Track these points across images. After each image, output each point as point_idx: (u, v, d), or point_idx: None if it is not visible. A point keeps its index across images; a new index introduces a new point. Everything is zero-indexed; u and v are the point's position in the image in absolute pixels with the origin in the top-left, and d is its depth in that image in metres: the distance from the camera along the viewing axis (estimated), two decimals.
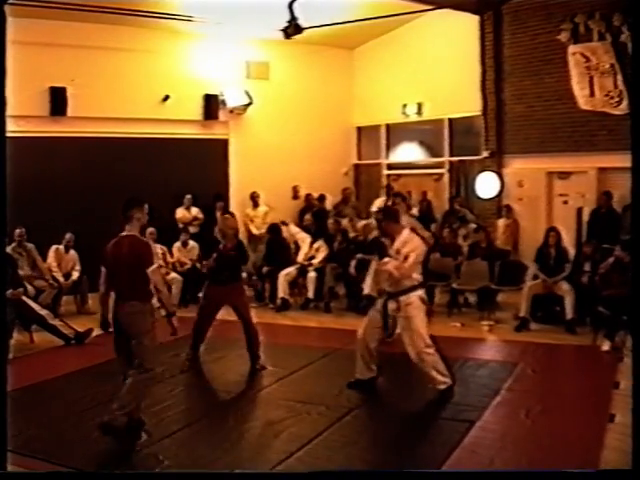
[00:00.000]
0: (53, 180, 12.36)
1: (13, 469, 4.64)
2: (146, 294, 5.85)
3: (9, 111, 4.18)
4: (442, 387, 6.95)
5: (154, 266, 5.87)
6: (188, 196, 13.48)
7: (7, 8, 4.07)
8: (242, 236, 13.51)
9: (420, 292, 7.04)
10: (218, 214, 12.69)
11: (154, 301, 6.04)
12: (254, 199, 14.38)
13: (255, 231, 14.14)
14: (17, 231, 10.75)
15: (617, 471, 4.28)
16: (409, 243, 6.95)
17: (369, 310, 7.42)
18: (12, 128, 4.18)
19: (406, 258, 6.84)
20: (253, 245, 13.11)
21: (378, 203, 14.20)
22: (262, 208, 14.30)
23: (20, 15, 9.28)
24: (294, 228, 12.88)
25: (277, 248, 12.24)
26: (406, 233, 7.08)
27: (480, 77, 13.93)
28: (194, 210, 13.57)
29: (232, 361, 8.51)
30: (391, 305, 7.01)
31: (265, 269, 12.06)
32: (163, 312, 11.12)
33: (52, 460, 5.48)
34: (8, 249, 10.14)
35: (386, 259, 6.91)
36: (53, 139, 12.44)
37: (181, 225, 13.34)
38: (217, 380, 7.79)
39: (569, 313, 9.74)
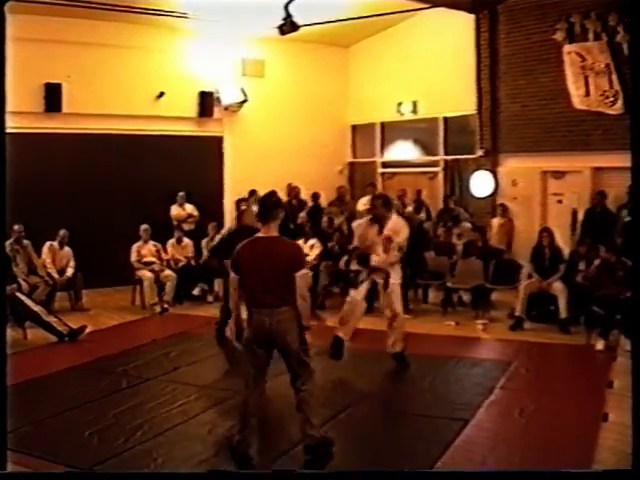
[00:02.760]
0: (47, 176, 12.30)
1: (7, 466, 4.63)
2: (294, 300, 5.31)
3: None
4: (399, 350, 7.92)
5: (303, 271, 5.37)
6: (181, 193, 13.38)
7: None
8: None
9: None
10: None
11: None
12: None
13: None
14: (16, 227, 10.72)
15: (617, 471, 4.28)
16: (402, 231, 7.81)
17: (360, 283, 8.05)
18: (7, 124, 4.16)
19: (401, 249, 7.78)
20: None
21: (364, 201, 14.26)
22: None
23: (15, 12, 9.23)
24: None
25: None
26: (395, 217, 7.95)
27: (475, 76, 13.93)
28: (188, 207, 13.51)
29: (224, 358, 8.51)
30: (376, 276, 7.86)
31: None
32: (158, 308, 11.26)
33: (45, 457, 5.47)
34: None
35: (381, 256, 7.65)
36: (48, 135, 12.40)
37: (175, 222, 13.29)
38: (211, 378, 7.77)
39: (563, 312, 9.76)
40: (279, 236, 5.40)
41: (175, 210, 13.44)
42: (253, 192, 14.21)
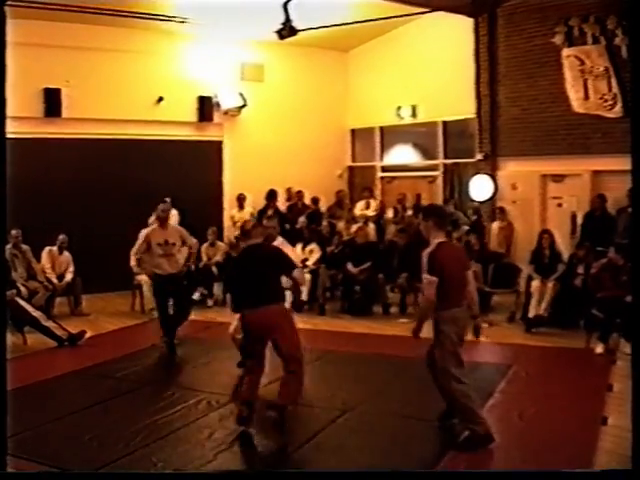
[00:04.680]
0: (46, 181, 12.32)
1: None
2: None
3: None
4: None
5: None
6: (166, 200, 12.92)
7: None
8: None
9: None
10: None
11: None
12: (240, 201, 14.24)
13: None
14: (13, 232, 10.71)
15: (617, 471, 4.28)
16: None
17: None
18: (7, 129, 4.16)
19: None
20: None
21: (360, 206, 14.30)
22: (247, 209, 14.16)
23: (15, 16, 9.24)
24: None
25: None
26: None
27: (474, 80, 13.92)
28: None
29: (224, 363, 8.49)
30: None
31: None
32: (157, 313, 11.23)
33: (45, 462, 5.46)
34: None
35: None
36: (47, 140, 12.42)
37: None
38: (209, 382, 7.77)
39: (543, 310, 9.90)
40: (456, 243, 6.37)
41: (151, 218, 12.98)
42: (244, 197, 14.22)
